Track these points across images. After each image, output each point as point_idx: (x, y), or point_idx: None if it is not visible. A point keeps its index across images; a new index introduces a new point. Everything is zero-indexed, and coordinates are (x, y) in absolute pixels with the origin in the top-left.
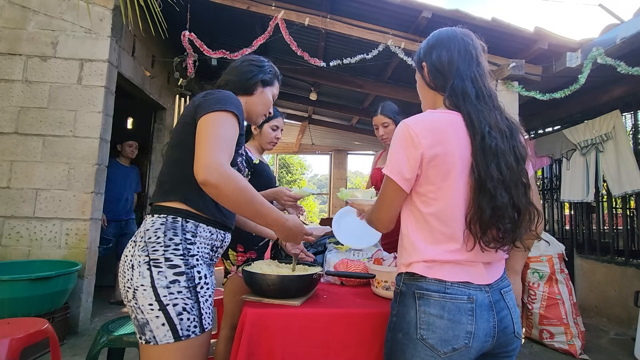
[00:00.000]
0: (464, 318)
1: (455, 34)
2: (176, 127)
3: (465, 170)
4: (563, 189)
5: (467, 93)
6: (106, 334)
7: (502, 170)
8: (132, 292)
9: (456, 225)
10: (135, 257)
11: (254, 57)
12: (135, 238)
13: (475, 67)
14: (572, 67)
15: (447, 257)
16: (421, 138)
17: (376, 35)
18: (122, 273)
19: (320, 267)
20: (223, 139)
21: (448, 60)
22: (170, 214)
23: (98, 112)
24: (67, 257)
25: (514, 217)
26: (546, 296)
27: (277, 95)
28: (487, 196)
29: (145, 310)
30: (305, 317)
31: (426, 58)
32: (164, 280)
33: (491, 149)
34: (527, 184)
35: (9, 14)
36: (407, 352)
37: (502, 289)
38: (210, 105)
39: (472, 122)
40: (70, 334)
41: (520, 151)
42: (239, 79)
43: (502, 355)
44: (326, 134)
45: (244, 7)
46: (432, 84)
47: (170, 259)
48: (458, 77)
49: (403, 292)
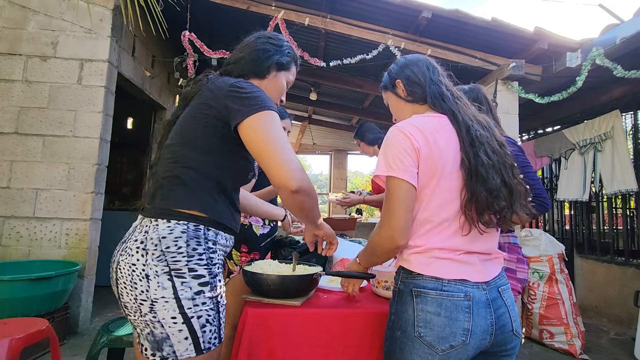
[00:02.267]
0: (461, 315)
1: (419, 57)
2: (183, 125)
3: (456, 165)
4: (560, 188)
5: (445, 95)
6: (106, 334)
7: (490, 155)
8: (149, 305)
9: (451, 215)
10: (149, 266)
11: (272, 34)
12: (142, 245)
13: (442, 77)
14: (572, 67)
15: (444, 244)
16: (415, 136)
17: (376, 35)
18: (131, 284)
19: (322, 267)
20: (286, 142)
21: (421, 73)
22: (192, 221)
23: (98, 112)
24: (67, 257)
25: (508, 196)
26: (546, 296)
27: (292, 82)
28: (480, 180)
29: (167, 324)
30: (306, 317)
31: (400, 75)
32: (189, 292)
33: (477, 138)
34: (514, 165)
35: (9, 14)
36: (406, 350)
37: (500, 287)
38: (252, 105)
39: (456, 117)
40: (70, 334)
41: (499, 138)
42: (251, 58)
43: (501, 354)
44: (326, 134)
45: (244, 7)
46: (410, 96)
47: (195, 269)
48: (433, 84)
49: (401, 290)
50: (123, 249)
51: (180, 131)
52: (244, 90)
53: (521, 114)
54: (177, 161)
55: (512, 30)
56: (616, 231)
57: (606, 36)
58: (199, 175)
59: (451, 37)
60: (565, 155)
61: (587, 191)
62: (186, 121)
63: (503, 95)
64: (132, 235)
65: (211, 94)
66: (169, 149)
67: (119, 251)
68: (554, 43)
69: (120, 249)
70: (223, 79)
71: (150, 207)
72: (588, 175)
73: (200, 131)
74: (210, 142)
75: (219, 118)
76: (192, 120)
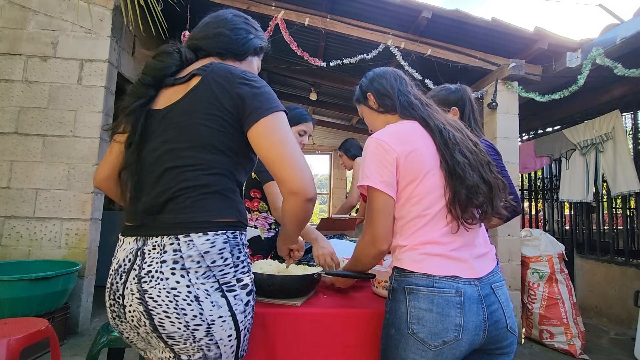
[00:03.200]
0: (452, 311)
1: (386, 69)
2: (185, 124)
3: (437, 164)
4: (562, 189)
5: (414, 104)
6: (106, 334)
7: (465, 154)
8: (206, 329)
9: (438, 213)
10: (196, 286)
11: (246, 15)
12: (177, 265)
13: (410, 87)
14: (572, 67)
15: (434, 241)
16: (392, 145)
17: (376, 35)
18: (177, 311)
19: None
20: (298, 146)
21: (389, 85)
22: (229, 229)
23: (98, 112)
24: (67, 257)
25: (486, 192)
26: (546, 296)
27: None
28: (458, 179)
29: (223, 344)
30: (305, 317)
31: (370, 89)
32: (241, 305)
33: (451, 140)
34: (489, 162)
35: (9, 14)
36: (400, 347)
37: (493, 284)
38: (266, 105)
39: (427, 123)
40: (70, 334)
41: (473, 138)
42: (234, 36)
43: (497, 351)
44: (326, 134)
45: (244, 7)
46: (382, 107)
47: (242, 279)
48: (401, 94)
49: (395, 288)
50: (138, 277)
51: (182, 131)
52: (256, 84)
53: (521, 114)
54: (197, 168)
55: (512, 30)
56: (616, 231)
57: (606, 36)
58: (227, 179)
59: (451, 37)
60: (565, 155)
61: (590, 192)
62: (189, 119)
63: (503, 95)
64: (148, 259)
65: (218, 89)
66: (174, 153)
67: (130, 281)
68: (554, 43)
69: (129, 278)
70: (224, 67)
71: (165, 223)
72: (591, 176)
73: (213, 133)
74: (227, 142)
75: (231, 118)
76: (199, 119)
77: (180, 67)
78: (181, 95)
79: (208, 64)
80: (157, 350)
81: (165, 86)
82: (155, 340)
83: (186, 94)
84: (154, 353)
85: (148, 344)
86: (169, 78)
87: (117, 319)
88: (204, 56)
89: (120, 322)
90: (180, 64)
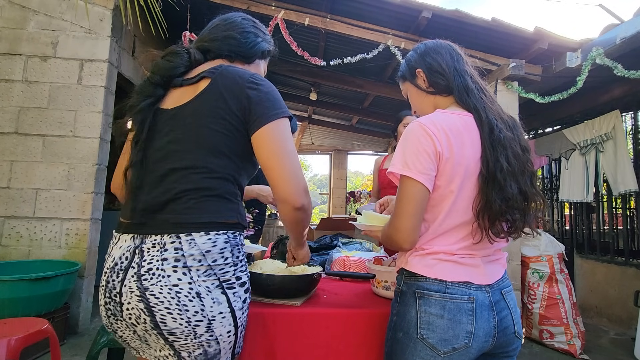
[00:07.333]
0: (464, 318)
1: (440, 43)
2: (193, 126)
3: (476, 170)
4: (562, 189)
5: (470, 88)
6: (106, 334)
7: (510, 160)
8: (206, 325)
9: (463, 222)
10: (197, 284)
11: (254, 19)
12: (179, 263)
13: (466, 66)
14: (572, 67)
15: (450, 248)
16: (438, 138)
17: (376, 35)
18: (179, 307)
19: (321, 266)
20: (296, 154)
21: (445, 62)
22: (230, 229)
23: (98, 112)
24: (67, 257)
25: (523, 206)
26: (546, 296)
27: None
28: (496, 187)
29: (222, 339)
30: (305, 317)
31: (420, 64)
32: (239, 302)
33: (500, 141)
34: (533, 172)
35: (9, 14)
36: (408, 352)
37: (503, 289)
38: (271, 110)
39: (480, 115)
40: (70, 334)
41: (523, 142)
42: (243, 39)
43: (503, 355)
44: (326, 134)
45: (244, 7)
46: (433, 87)
47: (240, 277)
48: (457, 75)
49: (404, 291)
50: (137, 275)
51: (189, 133)
52: (263, 88)
53: (521, 114)
54: (201, 171)
55: (512, 30)
56: (616, 231)
57: (606, 36)
58: (229, 183)
59: (451, 37)
60: (565, 155)
61: (590, 192)
62: (196, 122)
63: (503, 95)
64: (147, 257)
65: (227, 92)
66: (179, 154)
67: (129, 279)
68: (554, 43)
69: (128, 276)
70: (233, 70)
71: (166, 222)
72: (591, 176)
73: (219, 137)
74: (232, 148)
75: (237, 121)
76: (207, 122)
77: (188, 67)
78: (190, 97)
79: (217, 66)
80: (154, 348)
81: (174, 86)
82: (154, 338)
83: (195, 97)
84: (149, 352)
85: (144, 343)
86: (177, 78)
87: (111, 317)
88: (213, 58)
89: (115, 320)
90: (189, 65)
